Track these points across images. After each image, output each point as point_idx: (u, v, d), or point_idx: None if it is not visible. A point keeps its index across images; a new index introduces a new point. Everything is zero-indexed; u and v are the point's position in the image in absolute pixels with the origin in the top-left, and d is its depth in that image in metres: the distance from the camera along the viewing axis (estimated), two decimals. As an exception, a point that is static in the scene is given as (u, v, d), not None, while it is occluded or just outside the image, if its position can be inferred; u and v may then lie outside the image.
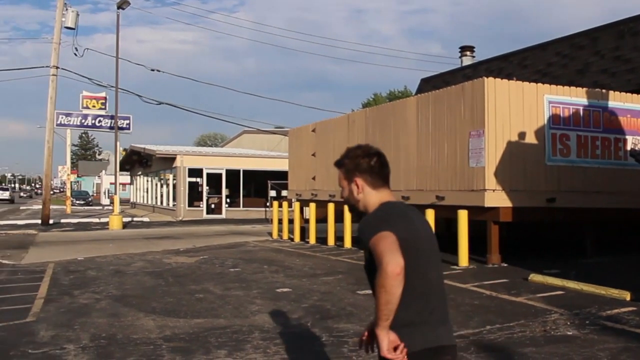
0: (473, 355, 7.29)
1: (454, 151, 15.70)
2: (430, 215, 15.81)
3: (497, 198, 14.66)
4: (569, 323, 8.81)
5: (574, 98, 15.68)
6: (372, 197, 3.36)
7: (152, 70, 39.57)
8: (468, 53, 30.52)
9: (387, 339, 3.03)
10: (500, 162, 14.75)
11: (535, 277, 12.32)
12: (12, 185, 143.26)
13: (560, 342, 7.84)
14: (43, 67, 32.95)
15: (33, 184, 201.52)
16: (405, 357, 3.05)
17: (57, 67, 32.20)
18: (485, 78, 15.22)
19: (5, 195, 78.39)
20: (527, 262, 14.50)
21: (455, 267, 14.53)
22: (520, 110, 15.09)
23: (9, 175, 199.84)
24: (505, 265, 14.60)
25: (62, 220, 35.29)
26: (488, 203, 14.59)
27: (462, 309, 9.94)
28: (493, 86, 14.96)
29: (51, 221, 32.32)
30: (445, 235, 18.14)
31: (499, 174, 14.70)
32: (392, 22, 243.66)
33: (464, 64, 29.57)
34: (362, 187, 3.36)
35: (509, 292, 11.22)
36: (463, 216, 14.79)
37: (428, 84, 28.04)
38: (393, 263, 2.94)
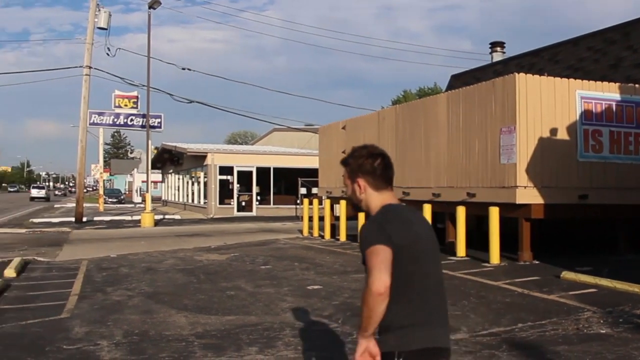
0: (505, 353, 7.25)
1: (485, 148, 15.61)
2: (461, 212, 15.77)
3: (528, 195, 14.55)
4: (602, 321, 8.73)
5: (606, 93, 15.50)
6: (374, 198, 3.39)
7: (183, 69, 39.90)
8: (498, 49, 30.27)
9: (364, 346, 3.14)
10: (532, 159, 14.63)
11: (567, 275, 12.21)
12: (47, 183, 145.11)
13: (593, 340, 7.78)
14: (76, 67, 33.36)
15: (67, 183, 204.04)
16: None
17: (90, 67, 32.54)
18: (517, 74, 15.10)
19: (42, 193, 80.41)
20: (559, 259, 14.38)
21: (486, 264, 14.46)
22: (552, 106, 14.96)
23: (43, 174, 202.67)
24: (537, 262, 14.48)
25: (95, 218, 35.69)
26: (520, 200, 14.49)
27: (493, 307, 9.90)
28: (524, 82, 14.84)
29: (84, 219, 32.72)
30: (476, 232, 18.06)
31: (531, 171, 14.59)
32: (422, 19, 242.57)
33: (494, 60, 29.35)
34: (364, 188, 3.39)
35: (540, 290, 11.14)
36: (494, 213, 14.71)
37: (458, 81, 27.88)
38: (378, 282, 3.02)
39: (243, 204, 40.74)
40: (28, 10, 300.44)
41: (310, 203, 24.52)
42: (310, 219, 24.19)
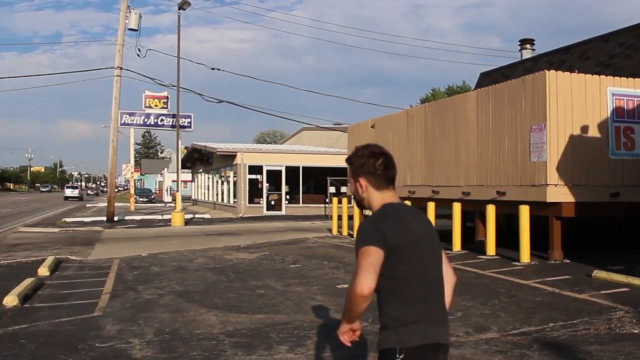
0: (536, 352, 7.21)
1: (515, 146, 15.51)
2: (490, 211, 15.68)
3: (559, 193, 14.44)
4: (634, 321, 8.64)
5: (638, 90, 15.31)
6: (375, 197, 3.43)
7: (213, 69, 40.06)
8: (528, 46, 29.98)
9: (347, 327, 3.32)
10: (563, 157, 14.51)
11: (598, 274, 12.10)
12: (79, 183, 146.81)
13: (625, 340, 7.70)
14: (107, 68, 33.75)
15: (98, 182, 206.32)
16: (350, 343, 3.35)
17: (121, 68, 32.84)
18: (547, 71, 14.99)
19: (75, 193, 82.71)
20: (590, 258, 14.25)
21: (516, 263, 14.37)
22: (583, 103, 14.83)
23: (75, 174, 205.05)
24: (568, 261, 14.36)
25: (126, 217, 36.01)
26: (550, 198, 14.38)
27: (523, 306, 9.85)
28: (555, 79, 14.72)
29: (116, 218, 33.05)
30: (506, 231, 17.95)
31: (561, 169, 14.47)
32: (450, 17, 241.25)
33: (523, 58, 29.09)
34: (365, 187, 3.44)
35: (572, 289, 11.04)
36: (524, 212, 14.61)
37: (487, 78, 27.69)
38: (363, 284, 3.10)
39: (272, 203, 40.84)
40: (60, 13, 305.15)
41: (340, 202, 24.54)
42: (340, 217, 24.21)
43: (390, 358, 3.19)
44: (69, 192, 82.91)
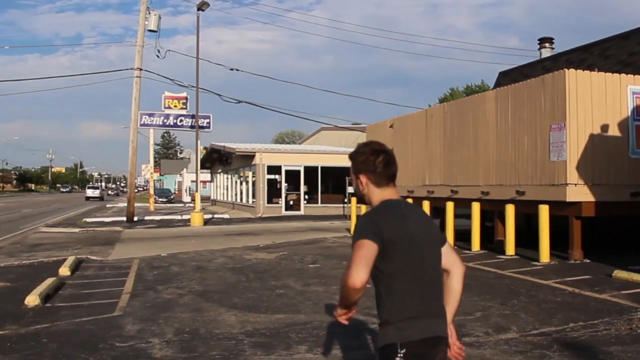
0: (557, 353, 7.17)
1: (534, 145, 15.44)
2: (510, 210, 15.62)
3: (579, 192, 14.35)
4: (655, 321, 8.58)
5: (659, 88, 15.19)
6: (375, 194, 3.48)
7: (232, 69, 40.22)
8: (547, 45, 29.82)
9: (342, 311, 3.41)
10: (582, 156, 14.43)
11: (619, 274, 12.01)
12: (99, 183, 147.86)
13: (646, 340, 7.65)
14: (127, 69, 33.88)
15: (118, 183, 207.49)
16: (347, 321, 3.46)
17: (141, 69, 33.00)
18: (567, 70, 14.91)
19: (96, 193, 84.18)
20: (610, 258, 14.15)
21: (536, 263, 14.31)
22: (603, 102, 14.73)
23: (95, 175, 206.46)
24: (588, 261, 14.28)
25: (146, 218, 36.21)
26: (570, 198, 14.30)
27: (543, 306, 9.80)
28: (574, 78, 14.64)
29: (135, 218, 33.25)
30: (525, 230, 17.86)
31: (581, 168, 14.39)
32: (468, 16, 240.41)
33: (542, 56, 28.94)
34: (366, 184, 3.49)
35: (592, 289, 10.98)
36: (544, 211, 14.54)
37: (506, 78, 27.57)
38: (355, 277, 3.14)
39: (291, 203, 40.90)
40: (81, 15, 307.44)
41: (358, 202, 24.51)
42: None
43: (391, 353, 3.22)
44: (90, 192, 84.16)
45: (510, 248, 15.67)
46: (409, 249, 3.26)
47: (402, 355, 3.18)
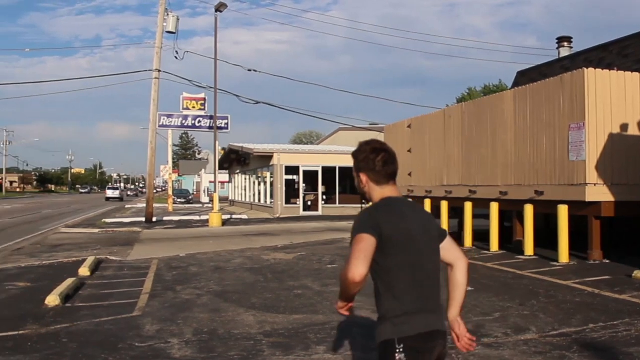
0: (576, 354, 7.13)
1: (553, 145, 15.36)
2: (528, 210, 15.55)
3: (598, 192, 14.26)
4: (676, 321, 8.51)
5: (680, 87, 15.05)
6: (375, 192, 3.52)
7: (249, 70, 40.60)
8: (565, 44, 29.61)
9: (343, 303, 3.50)
10: (602, 156, 14.33)
11: (639, 274, 11.93)
12: (119, 184, 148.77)
13: (667, 341, 7.59)
14: (146, 71, 34.15)
15: (137, 184, 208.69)
16: (347, 312, 3.54)
17: (159, 71, 33.18)
18: (585, 69, 14.82)
19: (116, 194, 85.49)
20: (630, 258, 14.05)
21: (555, 263, 14.23)
22: (622, 101, 14.63)
23: (114, 176, 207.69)
24: (607, 261, 14.18)
25: (165, 218, 36.37)
26: (589, 198, 14.21)
27: (563, 307, 9.75)
28: (593, 77, 14.55)
29: (154, 219, 33.42)
30: (544, 230, 17.76)
31: (601, 168, 14.29)
32: (486, 16, 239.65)
33: (561, 56, 28.74)
34: (366, 182, 3.53)
35: (612, 289, 10.91)
36: (563, 211, 14.46)
37: (524, 77, 27.43)
38: (355, 271, 3.14)
39: (309, 203, 40.95)
40: (100, 18, 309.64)
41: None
42: (376, 217, 24.12)
43: (390, 349, 3.25)
44: (110, 193, 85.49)
45: (529, 248, 15.59)
46: (406, 246, 3.30)
47: (400, 350, 3.22)
